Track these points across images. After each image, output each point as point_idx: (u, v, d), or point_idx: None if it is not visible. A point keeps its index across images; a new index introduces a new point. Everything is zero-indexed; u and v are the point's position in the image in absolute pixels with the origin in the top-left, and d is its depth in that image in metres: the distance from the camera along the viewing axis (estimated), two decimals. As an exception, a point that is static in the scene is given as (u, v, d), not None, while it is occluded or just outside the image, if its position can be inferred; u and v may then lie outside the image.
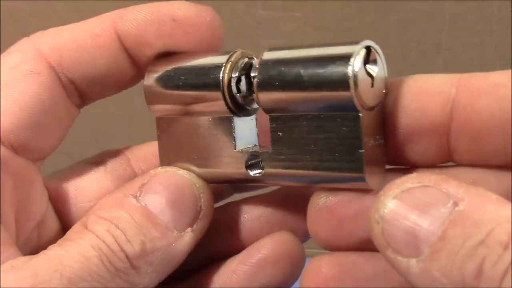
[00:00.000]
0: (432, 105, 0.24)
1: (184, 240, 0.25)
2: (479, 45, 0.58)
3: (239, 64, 0.26)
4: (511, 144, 0.23)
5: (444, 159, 0.25)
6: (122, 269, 0.24)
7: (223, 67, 0.26)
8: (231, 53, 0.26)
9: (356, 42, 0.24)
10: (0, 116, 0.25)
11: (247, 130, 0.28)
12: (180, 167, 0.27)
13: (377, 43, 0.24)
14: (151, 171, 0.27)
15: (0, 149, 0.25)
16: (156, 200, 0.25)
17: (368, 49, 0.24)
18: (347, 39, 0.24)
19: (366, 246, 0.24)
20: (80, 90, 0.27)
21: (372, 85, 0.24)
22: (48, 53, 0.26)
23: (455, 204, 0.20)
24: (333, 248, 0.25)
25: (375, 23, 0.57)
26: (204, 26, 0.27)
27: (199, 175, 0.27)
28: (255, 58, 0.27)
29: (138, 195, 0.25)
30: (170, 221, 0.25)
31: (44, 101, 0.26)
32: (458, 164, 0.25)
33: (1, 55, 0.27)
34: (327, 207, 0.25)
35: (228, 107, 0.26)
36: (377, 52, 0.24)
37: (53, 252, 0.24)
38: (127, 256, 0.24)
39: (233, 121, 0.27)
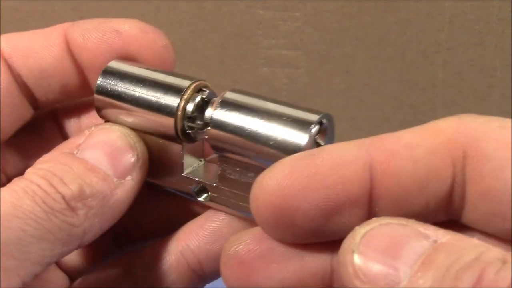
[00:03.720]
0: (349, 174, 0.22)
1: (126, 188, 0.26)
2: (479, 45, 0.58)
3: (194, 94, 0.27)
4: (429, 203, 0.23)
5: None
6: (58, 209, 0.24)
7: (181, 96, 0.26)
8: (190, 83, 0.27)
9: (317, 112, 0.24)
10: None
11: (194, 154, 0.29)
12: None
13: (377, 43, 0.24)
14: (86, 131, 0.28)
15: None
16: (94, 153, 0.26)
17: (321, 121, 0.25)
18: (347, 39, 0.24)
19: None
20: (28, 87, 0.30)
21: None
22: (3, 46, 0.29)
23: (435, 241, 0.20)
24: None
25: (375, 23, 0.57)
26: (145, 40, 0.29)
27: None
28: (207, 91, 0.27)
29: (75, 152, 0.26)
30: (109, 169, 0.26)
31: None
32: None
33: None
34: (238, 256, 0.24)
35: (178, 136, 0.27)
36: (329, 126, 0.25)
37: None
38: (63, 197, 0.25)
39: (183, 149, 0.27)
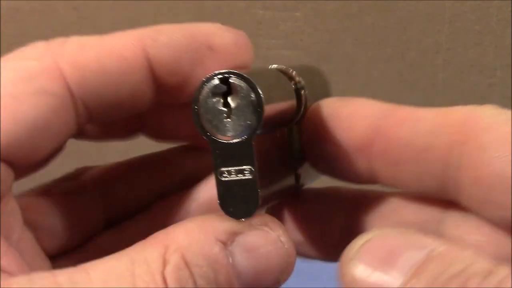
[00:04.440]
0: (356, 127, 0.25)
1: None
2: (479, 45, 0.58)
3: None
4: (422, 177, 0.24)
5: (369, 181, 0.26)
6: None
7: (293, 77, 0.26)
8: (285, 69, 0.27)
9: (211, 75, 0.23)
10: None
11: None
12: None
13: (377, 43, 0.24)
14: (247, 223, 0.23)
15: None
16: (244, 262, 0.22)
17: (224, 78, 0.23)
18: (347, 39, 0.24)
19: None
20: (92, 112, 0.25)
21: (228, 116, 0.23)
22: (68, 71, 0.24)
23: (431, 250, 0.21)
24: None
25: (375, 23, 0.57)
26: (240, 56, 0.25)
27: None
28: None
29: (228, 242, 0.22)
30: (245, 284, 0.23)
31: (48, 124, 0.23)
32: (383, 185, 0.26)
33: (15, 55, 0.24)
34: None
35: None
36: (245, 79, 0.23)
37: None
38: None
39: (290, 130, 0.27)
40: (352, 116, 0.25)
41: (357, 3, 0.57)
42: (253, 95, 0.23)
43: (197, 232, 0.22)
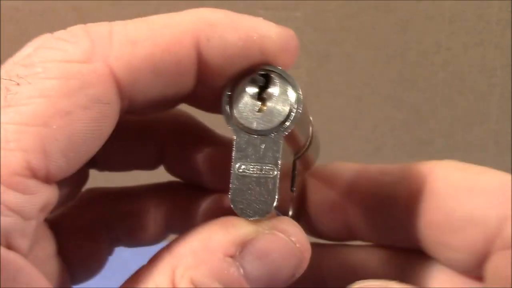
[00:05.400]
0: (332, 188, 0.28)
1: None
2: (479, 45, 0.58)
3: None
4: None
5: (346, 238, 0.29)
6: None
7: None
8: None
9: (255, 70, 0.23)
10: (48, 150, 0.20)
11: None
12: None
13: (377, 43, 0.24)
14: (254, 227, 0.22)
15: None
16: (256, 270, 0.22)
17: (265, 73, 0.22)
18: (347, 39, 0.24)
19: None
20: (134, 109, 0.23)
21: (260, 110, 0.22)
22: (121, 75, 0.21)
23: None
24: None
25: (375, 23, 0.57)
26: (287, 60, 0.23)
27: None
28: None
29: (237, 254, 0.22)
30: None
31: (98, 133, 0.21)
32: (360, 240, 0.29)
33: (57, 51, 0.21)
34: None
35: None
36: (283, 77, 0.23)
37: None
38: None
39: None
40: (328, 179, 0.28)
41: (357, 3, 0.57)
42: (292, 93, 0.22)
43: (203, 251, 0.21)
